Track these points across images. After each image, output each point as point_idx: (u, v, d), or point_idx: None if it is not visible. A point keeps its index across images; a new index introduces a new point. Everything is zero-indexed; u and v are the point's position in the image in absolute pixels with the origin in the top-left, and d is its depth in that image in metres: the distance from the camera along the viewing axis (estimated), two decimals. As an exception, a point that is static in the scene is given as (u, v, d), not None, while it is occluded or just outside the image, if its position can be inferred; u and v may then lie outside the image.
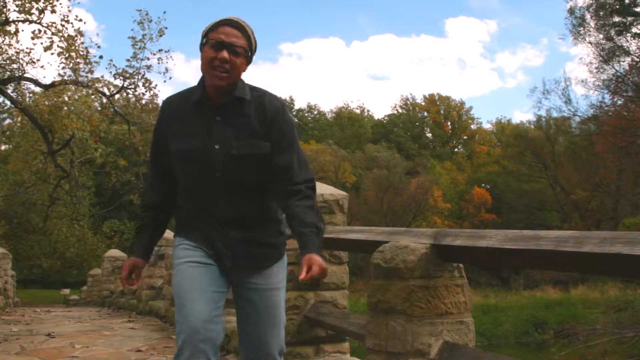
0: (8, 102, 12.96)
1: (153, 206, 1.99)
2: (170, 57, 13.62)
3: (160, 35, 11.59)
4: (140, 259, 1.98)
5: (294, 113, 52.93)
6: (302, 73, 78.24)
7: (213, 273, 1.86)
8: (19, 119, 14.93)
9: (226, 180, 1.83)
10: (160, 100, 13.46)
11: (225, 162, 1.81)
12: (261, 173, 1.86)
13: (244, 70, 1.86)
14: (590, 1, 23.27)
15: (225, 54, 1.77)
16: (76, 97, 12.66)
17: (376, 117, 55.13)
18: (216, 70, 1.78)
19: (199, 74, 1.87)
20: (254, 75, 78.60)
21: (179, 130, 1.86)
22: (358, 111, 54.00)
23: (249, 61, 1.86)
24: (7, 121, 15.71)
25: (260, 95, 1.88)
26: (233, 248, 1.87)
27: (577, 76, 68.60)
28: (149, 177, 2.06)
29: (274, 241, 1.95)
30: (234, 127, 1.83)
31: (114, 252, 15.40)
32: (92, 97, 12.66)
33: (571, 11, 24.23)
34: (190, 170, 1.86)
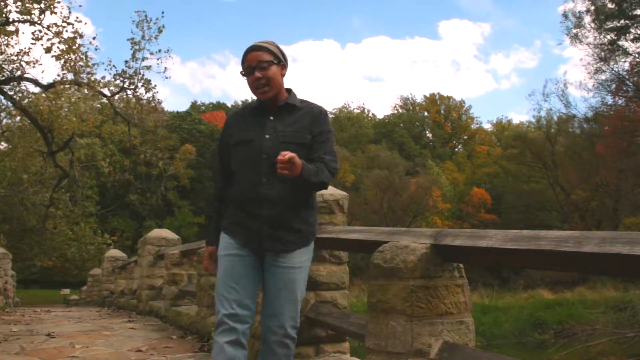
0: (8, 102, 12.94)
1: (218, 197, 2.44)
2: (171, 56, 13.66)
3: (160, 31, 11.57)
4: (214, 245, 2.40)
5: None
6: (297, 75, 78.44)
7: (246, 264, 2.24)
8: (18, 119, 14.91)
9: (270, 163, 2.16)
10: (160, 99, 13.45)
11: (272, 147, 2.19)
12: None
13: (283, 75, 2.28)
14: (587, 6, 23.30)
15: (257, 73, 2.20)
16: (77, 97, 12.65)
17: (377, 118, 55.11)
18: (258, 89, 2.23)
19: (197, 75, 2.18)
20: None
21: (239, 128, 2.32)
22: (358, 111, 53.96)
23: (284, 67, 2.28)
24: (5, 121, 15.67)
25: (308, 104, 2.35)
26: (263, 232, 2.21)
27: (572, 78, 68.63)
28: (215, 175, 2.43)
29: (300, 227, 2.26)
30: (284, 122, 2.26)
31: (114, 252, 15.36)
32: (94, 96, 12.65)
33: (566, 15, 24.30)
34: (244, 154, 2.26)
